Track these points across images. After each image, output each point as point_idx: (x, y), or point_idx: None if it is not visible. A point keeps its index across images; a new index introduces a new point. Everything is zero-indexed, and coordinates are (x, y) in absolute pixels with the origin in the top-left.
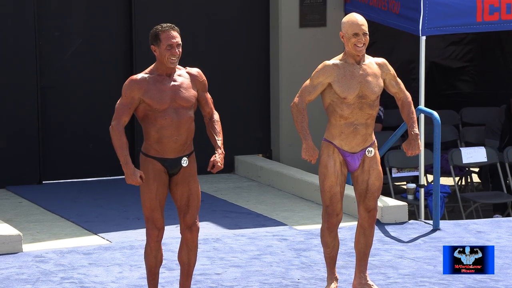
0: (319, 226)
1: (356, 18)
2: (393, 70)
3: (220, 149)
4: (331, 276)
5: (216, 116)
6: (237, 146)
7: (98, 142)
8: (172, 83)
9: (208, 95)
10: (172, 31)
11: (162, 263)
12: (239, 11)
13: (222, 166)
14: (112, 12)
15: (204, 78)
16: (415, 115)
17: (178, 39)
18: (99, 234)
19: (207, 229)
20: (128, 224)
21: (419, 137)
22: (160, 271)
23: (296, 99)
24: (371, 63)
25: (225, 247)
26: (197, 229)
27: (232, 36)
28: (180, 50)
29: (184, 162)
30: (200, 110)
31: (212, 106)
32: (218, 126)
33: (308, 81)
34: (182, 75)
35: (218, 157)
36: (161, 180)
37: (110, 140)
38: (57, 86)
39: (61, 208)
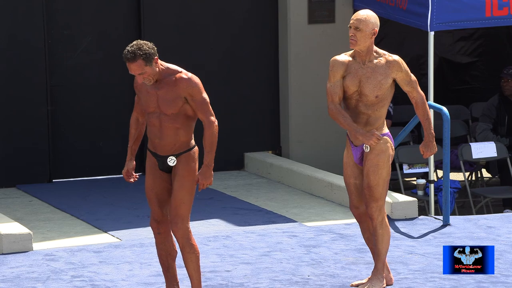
0: (329, 222)
1: (357, 12)
2: (406, 69)
3: (207, 166)
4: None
5: (208, 126)
6: (246, 143)
7: (108, 140)
8: (158, 89)
9: (202, 101)
10: (132, 63)
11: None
12: (248, 8)
13: (207, 183)
14: (121, 10)
15: (192, 84)
16: (430, 116)
17: (139, 70)
18: (109, 232)
19: (217, 226)
20: (138, 221)
21: (434, 138)
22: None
23: (329, 106)
24: (380, 61)
25: (235, 244)
26: (177, 231)
27: (241, 33)
28: (146, 75)
29: (171, 161)
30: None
31: (206, 113)
32: (208, 141)
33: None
34: (169, 83)
35: (202, 175)
36: (157, 173)
37: (120, 138)
38: (67, 84)
39: (71, 206)
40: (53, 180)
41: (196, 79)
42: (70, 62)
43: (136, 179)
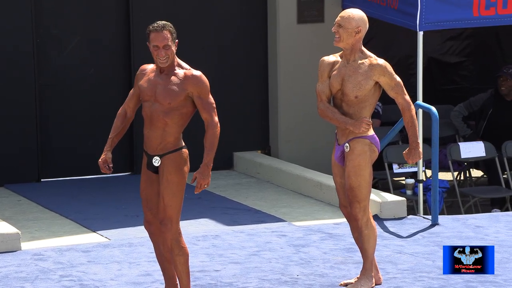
0: (318, 222)
1: (343, 10)
2: (391, 74)
3: (206, 165)
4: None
5: (211, 126)
6: (236, 143)
7: (97, 140)
8: (161, 79)
9: (208, 101)
10: (161, 33)
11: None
12: (237, 8)
13: (205, 182)
14: (110, 9)
15: (201, 82)
16: (415, 123)
17: (165, 41)
18: (98, 232)
19: (206, 226)
20: (127, 221)
21: (419, 145)
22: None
23: (318, 105)
24: (364, 62)
25: (224, 244)
26: (166, 232)
27: (230, 32)
28: (169, 51)
29: (155, 162)
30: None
31: (211, 112)
32: (209, 141)
33: (318, 83)
34: (176, 75)
35: (200, 174)
36: (148, 174)
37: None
38: (55, 83)
39: (59, 205)
40: (42, 180)
41: (205, 78)
42: (59, 62)
43: (111, 170)
